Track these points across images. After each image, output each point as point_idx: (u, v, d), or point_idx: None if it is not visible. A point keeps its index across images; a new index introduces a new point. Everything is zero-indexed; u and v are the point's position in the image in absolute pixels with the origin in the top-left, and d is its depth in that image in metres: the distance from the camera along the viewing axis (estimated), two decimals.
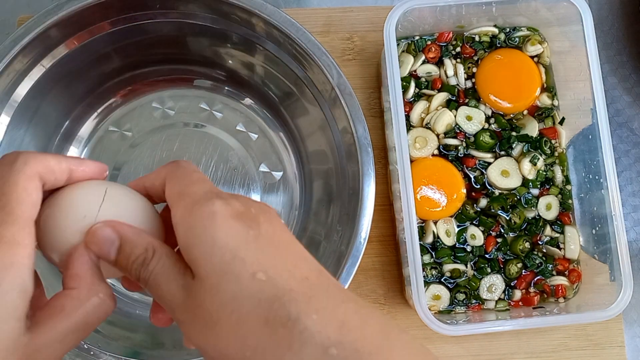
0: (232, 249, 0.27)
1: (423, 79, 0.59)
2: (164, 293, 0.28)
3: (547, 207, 0.58)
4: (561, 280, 0.57)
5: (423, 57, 0.60)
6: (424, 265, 0.56)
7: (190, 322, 0.27)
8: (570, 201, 0.59)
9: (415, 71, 0.59)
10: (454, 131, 0.59)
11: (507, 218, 0.58)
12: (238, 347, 0.26)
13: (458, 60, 0.60)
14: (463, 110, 0.59)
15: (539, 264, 0.57)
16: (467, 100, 0.59)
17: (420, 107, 0.59)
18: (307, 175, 0.60)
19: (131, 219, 0.31)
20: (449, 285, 0.57)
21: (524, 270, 0.58)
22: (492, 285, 0.57)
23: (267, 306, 0.26)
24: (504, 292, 0.57)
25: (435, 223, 0.57)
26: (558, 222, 0.58)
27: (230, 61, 0.59)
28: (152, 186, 0.32)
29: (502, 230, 0.58)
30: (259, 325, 0.26)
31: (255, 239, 0.28)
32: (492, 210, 0.57)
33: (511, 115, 0.60)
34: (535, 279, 0.58)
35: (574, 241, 0.58)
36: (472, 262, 0.57)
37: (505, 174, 0.58)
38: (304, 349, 0.25)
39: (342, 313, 0.26)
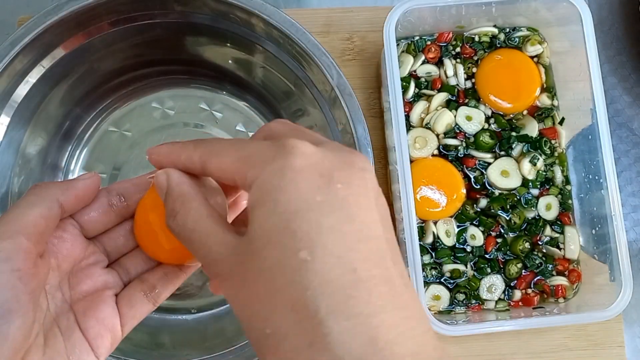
0: (287, 218, 0.24)
1: (423, 79, 0.59)
2: (196, 246, 0.27)
3: (547, 207, 0.58)
4: (561, 281, 0.57)
5: (423, 58, 0.59)
6: (424, 265, 0.56)
7: (227, 277, 0.26)
8: (570, 201, 0.59)
9: (415, 71, 0.59)
10: (454, 131, 0.59)
11: (507, 218, 0.58)
12: (260, 320, 0.25)
13: (458, 60, 0.60)
14: (463, 111, 0.59)
15: (539, 264, 0.57)
16: (467, 101, 0.59)
17: (420, 107, 0.59)
18: None
19: None
20: (448, 285, 0.57)
21: (523, 271, 0.57)
22: (492, 286, 0.57)
23: (300, 291, 0.23)
24: (503, 292, 0.57)
25: (435, 223, 0.57)
26: (558, 222, 0.58)
27: (229, 61, 0.59)
28: (189, 161, 0.29)
29: (502, 231, 0.58)
30: (285, 308, 0.24)
31: (319, 206, 0.24)
32: (492, 211, 0.57)
33: (511, 116, 0.60)
34: (535, 279, 0.58)
35: (573, 241, 0.58)
36: (472, 263, 0.57)
37: (505, 174, 0.58)
38: (322, 354, 0.23)
39: (376, 325, 0.23)
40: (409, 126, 0.58)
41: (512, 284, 0.57)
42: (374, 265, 0.24)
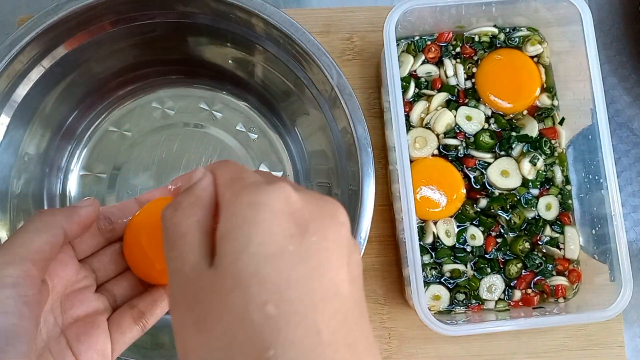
0: (257, 262, 0.23)
1: (423, 79, 0.59)
2: (175, 254, 0.26)
3: (547, 207, 0.58)
4: (561, 281, 0.57)
5: (423, 57, 0.60)
6: (424, 265, 0.56)
7: (191, 302, 0.25)
8: (570, 201, 0.59)
9: (415, 71, 0.59)
10: (454, 131, 0.59)
11: (507, 218, 0.58)
12: None
13: (458, 60, 0.60)
14: (463, 111, 0.59)
15: (539, 264, 0.57)
16: (467, 101, 0.59)
17: (420, 107, 0.59)
18: (307, 175, 0.60)
19: None
20: (448, 285, 0.57)
21: (523, 271, 0.58)
22: (492, 286, 0.57)
23: (262, 349, 0.23)
24: (503, 292, 0.57)
25: (435, 223, 0.57)
26: (558, 222, 0.58)
27: (230, 61, 0.59)
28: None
29: (502, 231, 0.58)
30: None
31: (290, 256, 0.24)
32: (492, 211, 0.57)
33: (511, 116, 0.60)
34: (535, 279, 0.58)
35: (573, 241, 0.58)
36: (472, 263, 0.57)
37: (505, 174, 0.58)
38: None
39: None
40: (409, 126, 0.58)
41: (512, 284, 0.57)
42: (338, 327, 0.24)
